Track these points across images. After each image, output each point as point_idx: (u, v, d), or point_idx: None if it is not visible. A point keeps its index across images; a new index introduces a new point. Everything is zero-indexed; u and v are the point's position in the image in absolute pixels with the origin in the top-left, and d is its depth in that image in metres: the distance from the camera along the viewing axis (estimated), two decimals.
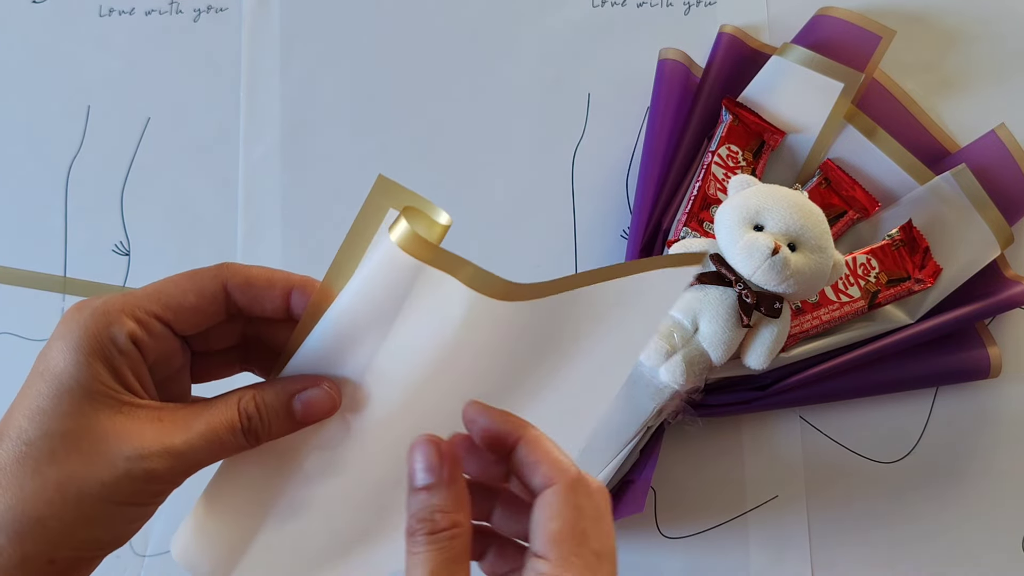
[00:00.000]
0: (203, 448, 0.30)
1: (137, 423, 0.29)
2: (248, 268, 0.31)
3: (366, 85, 0.60)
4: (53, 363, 0.29)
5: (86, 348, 0.29)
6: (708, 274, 0.48)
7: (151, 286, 0.30)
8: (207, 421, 0.30)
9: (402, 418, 0.31)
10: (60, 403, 0.28)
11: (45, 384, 0.29)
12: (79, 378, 0.29)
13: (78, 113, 0.61)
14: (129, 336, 0.29)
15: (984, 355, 0.54)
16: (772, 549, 0.53)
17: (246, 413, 0.30)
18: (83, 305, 0.30)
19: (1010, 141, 0.55)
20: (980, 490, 0.54)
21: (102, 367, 0.29)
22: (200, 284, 0.30)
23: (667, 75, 0.57)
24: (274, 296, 0.31)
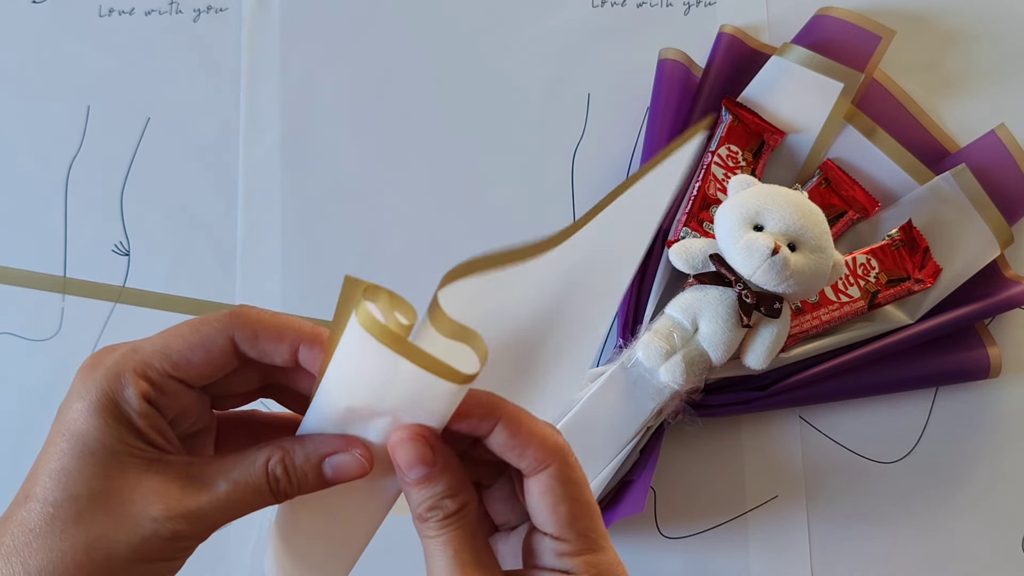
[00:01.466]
0: (230, 508, 0.30)
1: (164, 481, 0.29)
2: (258, 317, 0.30)
3: (366, 85, 0.61)
4: (75, 424, 0.29)
5: (105, 410, 0.29)
6: (708, 274, 0.48)
7: (158, 340, 0.30)
8: (235, 481, 0.30)
9: None
10: (85, 464, 0.28)
11: (68, 445, 0.29)
12: (102, 440, 0.29)
13: (78, 113, 0.61)
14: (143, 397, 0.29)
15: (984, 355, 0.54)
16: (772, 549, 0.53)
17: (274, 475, 0.30)
18: (96, 362, 0.30)
19: (1010, 141, 0.55)
20: (980, 490, 0.54)
21: (123, 428, 0.29)
22: (207, 338, 0.30)
23: (667, 75, 0.57)
24: (282, 349, 0.30)
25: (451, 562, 0.29)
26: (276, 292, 0.58)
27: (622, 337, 0.52)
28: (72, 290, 0.58)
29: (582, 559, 0.30)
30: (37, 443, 0.57)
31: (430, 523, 0.30)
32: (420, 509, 0.30)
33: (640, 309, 0.53)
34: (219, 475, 0.30)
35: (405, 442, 0.30)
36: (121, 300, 0.58)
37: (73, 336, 0.58)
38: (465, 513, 0.30)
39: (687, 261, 0.49)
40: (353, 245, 0.58)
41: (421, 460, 0.30)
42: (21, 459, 0.56)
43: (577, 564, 0.30)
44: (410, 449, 0.29)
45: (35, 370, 0.57)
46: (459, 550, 0.30)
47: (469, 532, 0.30)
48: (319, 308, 0.57)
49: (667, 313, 0.49)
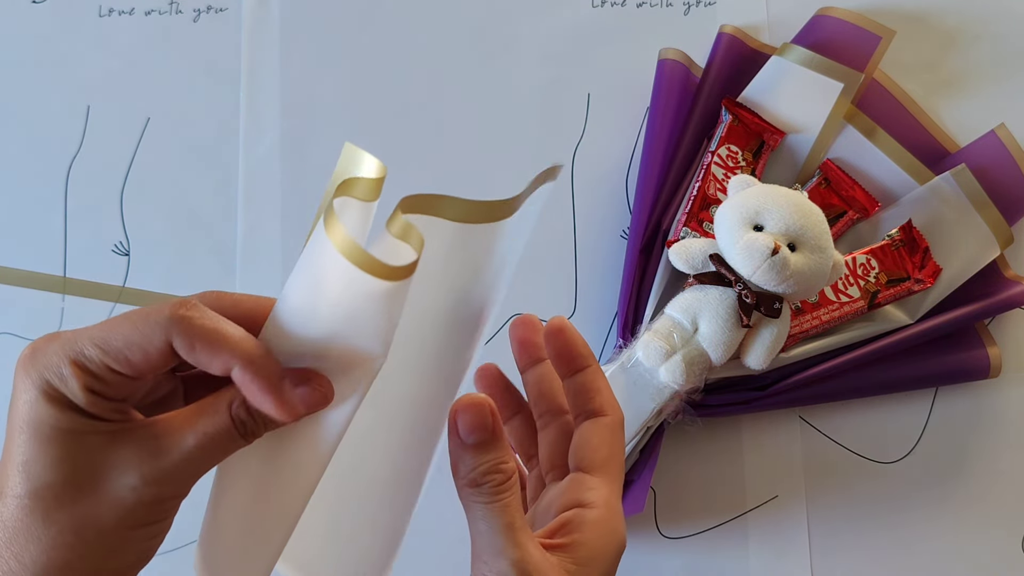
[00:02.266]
0: (203, 458, 0.30)
1: (132, 450, 0.29)
2: (200, 325, 0.29)
3: (366, 85, 0.61)
4: (28, 415, 0.28)
5: (52, 399, 0.28)
6: (708, 274, 0.48)
7: (97, 332, 0.29)
8: (203, 430, 0.30)
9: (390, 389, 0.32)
10: (48, 452, 0.28)
11: (27, 436, 0.28)
12: (58, 425, 0.28)
13: (78, 113, 0.61)
14: (86, 388, 0.28)
15: (984, 355, 0.54)
16: (772, 549, 0.53)
17: (239, 419, 0.30)
18: (35, 354, 0.29)
19: (1010, 141, 0.55)
20: (980, 490, 0.54)
21: (75, 412, 0.28)
22: (145, 338, 0.28)
23: (667, 75, 0.57)
24: (216, 366, 0.29)
25: (506, 528, 0.31)
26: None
27: (622, 337, 0.53)
28: (72, 290, 0.58)
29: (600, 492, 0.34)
30: None
31: (484, 488, 0.31)
32: (475, 474, 0.32)
33: (640, 309, 0.53)
34: (186, 429, 0.30)
35: (471, 406, 0.31)
36: (121, 300, 0.58)
37: None
38: (516, 480, 0.32)
39: (687, 261, 0.49)
40: None
41: (483, 425, 0.31)
42: None
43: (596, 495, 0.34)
44: (474, 413, 0.31)
45: None
46: (514, 516, 0.31)
47: (519, 500, 0.32)
48: None
49: (667, 313, 0.49)
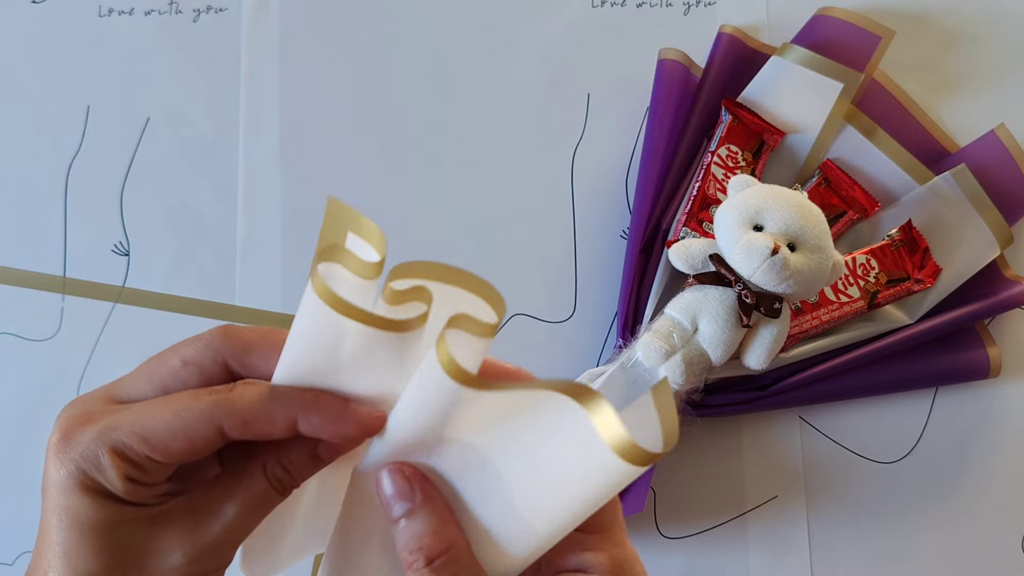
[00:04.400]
0: (244, 525, 0.29)
1: (173, 529, 0.28)
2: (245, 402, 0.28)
3: (366, 85, 0.61)
4: (65, 503, 0.28)
5: (90, 490, 0.28)
6: (708, 274, 0.48)
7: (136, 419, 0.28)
8: (242, 500, 0.29)
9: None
10: (89, 542, 0.28)
11: (66, 524, 0.28)
12: (97, 516, 0.28)
13: (78, 113, 0.61)
14: (125, 478, 0.28)
15: (984, 355, 0.54)
16: (772, 549, 0.53)
17: (276, 477, 0.30)
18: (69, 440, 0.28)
19: (1010, 141, 0.55)
20: (980, 490, 0.54)
21: (113, 502, 0.28)
22: (189, 427, 0.27)
23: (667, 75, 0.57)
24: (278, 429, 0.28)
25: None
26: (276, 292, 0.58)
27: (622, 337, 0.52)
28: (72, 290, 0.58)
29: (605, 554, 0.30)
30: (37, 443, 0.57)
31: (415, 568, 0.28)
32: (404, 552, 0.29)
33: (640, 309, 0.53)
34: (224, 500, 0.29)
35: (388, 474, 0.29)
36: (121, 300, 0.58)
37: (73, 336, 0.58)
38: (451, 556, 0.28)
39: (687, 261, 0.49)
40: None
41: (401, 494, 0.29)
42: (21, 459, 0.56)
43: (599, 558, 0.30)
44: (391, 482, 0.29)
45: (35, 370, 0.57)
46: None
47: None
48: None
49: (667, 313, 0.49)
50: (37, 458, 0.57)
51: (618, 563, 0.30)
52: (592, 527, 0.30)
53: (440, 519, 0.29)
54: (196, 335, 0.29)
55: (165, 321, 0.58)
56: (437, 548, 0.28)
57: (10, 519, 0.56)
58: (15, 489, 0.56)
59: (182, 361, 0.29)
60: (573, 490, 0.27)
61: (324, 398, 0.29)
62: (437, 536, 0.28)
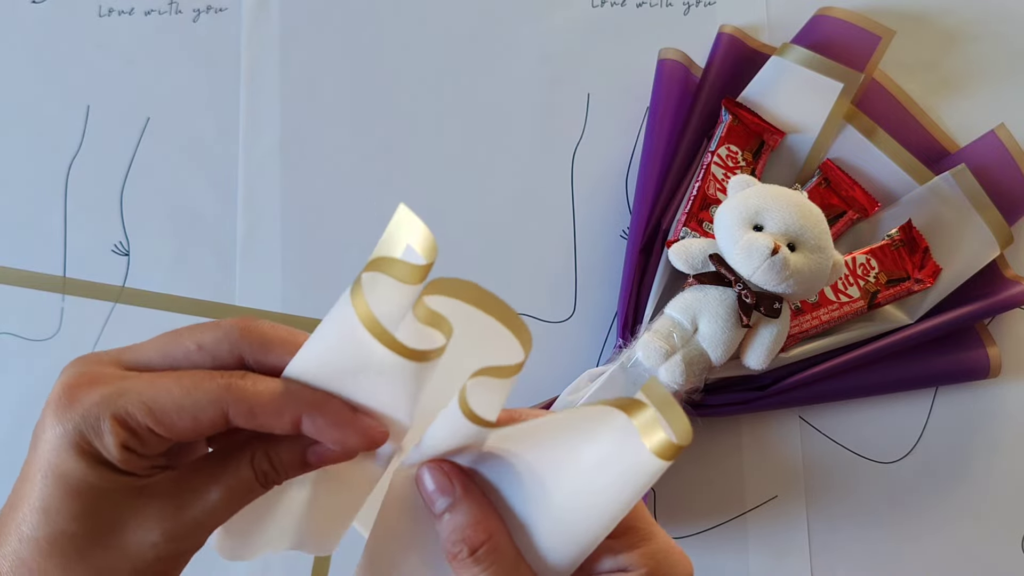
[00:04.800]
0: (224, 511, 0.29)
1: (157, 505, 0.28)
2: (255, 391, 0.28)
3: (366, 85, 0.61)
4: (54, 461, 0.28)
5: (84, 451, 0.28)
6: (707, 274, 0.48)
7: (146, 389, 0.28)
8: (226, 486, 0.29)
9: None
10: (72, 502, 0.28)
11: (51, 482, 0.28)
12: (85, 478, 0.28)
13: (78, 113, 0.61)
14: (122, 446, 0.27)
15: (984, 355, 0.54)
16: (772, 549, 0.53)
17: (261, 471, 0.30)
18: (73, 399, 0.28)
19: (1010, 141, 0.55)
20: (980, 490, 0.54)
21: (105, 467, 0.28)
22: (197, 406, 0.27)
23: (666, 75, 0.57)
24: (282, 424, 0.28)
25: None
26: (276, 292, 0.58)
27: (622, 337, 0.53)
28: (72, 290, 0.58)
29: (637, 552, 0.30)
30: None
31: (461, 560, 0.29)
32: (447, 543, 0.29)
33: (640, 309, 0.53)
34: (208, 483, 0.29)
35: (428, 471, 0.29)
36: (121, 300, 0.58)
37: (73, 336, 0.58)
38: (494, 545, 0.29)
39: (687, 261, 0.49)
40: (353, 245, 0.58)
41: (441, 489, 0.29)
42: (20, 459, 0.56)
43: (633, 558, 0.30)
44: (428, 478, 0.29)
45: (35, 370, 0.57)
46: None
47: (504, 568, 0.29)
48: (319, 308, 0.57)
49: (667, 313, 0.49)
50: None
51: (652, 554, 0.30)
52: (617, 531, 0.30)
53: (481, 510, 0.29)
54: (216, 321, 0.29)
55: (165, 321, 0.58)
56: (479, 538, 0.29)
57: None
58: None
59: (197, 345, 0.29)
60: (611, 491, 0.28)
61: (333, 402, 0.29)
62: (479, 527, 0.29)
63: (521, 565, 0.29)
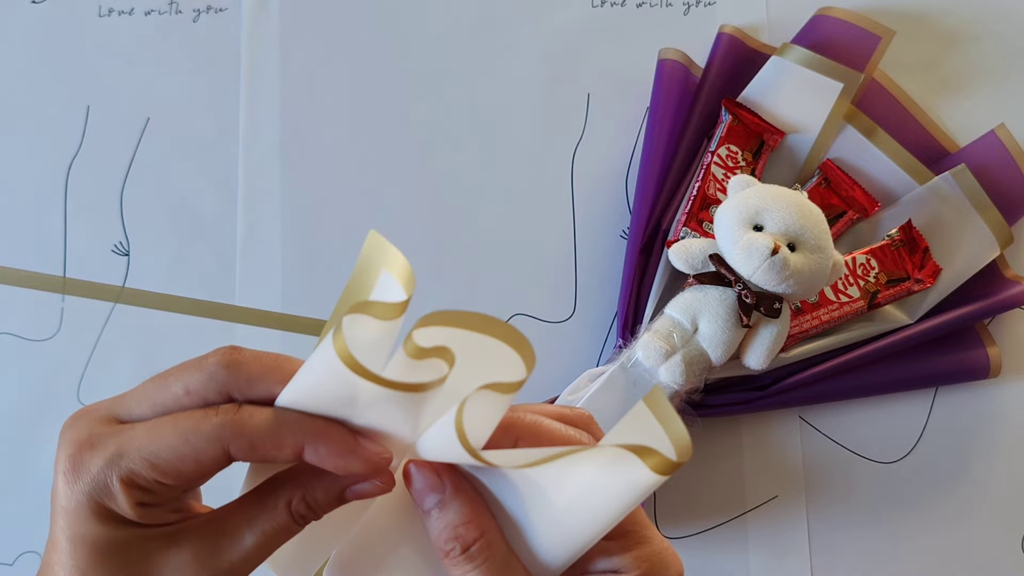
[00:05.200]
0: (260, 555, 0.29)
1: (190, 550, 0.28)
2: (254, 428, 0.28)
3: (366, 85, 0.61)
4: (78, 528, 0.28)
5: (103, 516, 0.28)
6: (707, 274, 0.48)
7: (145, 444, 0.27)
8: (261, 530, 0.29)
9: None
10: (103, 563, 0.28)
11: (78, 547, 0.28)
12: (111, 538, 0.28)
13: (78, 113, 0.61)
14: (136, 504, 0.28)
15: (984, 355, 0.54)
16: (772, 549, 0.53)
17: (299, 514, 0.30)
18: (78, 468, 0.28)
19: (1010, 141, 0.55)
20: (980, 490, 0.54)
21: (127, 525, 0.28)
22: (198, 450, 0.27)
23: (666, 75, 0.57)
24: (284, 455, 0.28)
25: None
26: (276, 292, 0.58)
27: (622, 337, 0.53)
28: (72, 290, 0.58)
29: (631, 555, 0.30)
30: (37, 443, 0.57)
31: (453, 559, 0.29)
32: (439, 541, 0.29)
33: (640, 309, 0.53)
34: (243, 527, 0.29)
35: (413, 471, 0.29)
36: (121, 300, 0.58)
37: (73, 336, 0.58)
38: (487, 543, 0.29)
39: (687, 261, 0.49)
40: (353, 245, 0.58)
41: (431, 487, 0.29)
42: (21, 459, 0.56)
43: (627, 561, 0.30)
44: (418, 477, 0.29)
45: (35, 370, 0.57)
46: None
47: (498, 566, 0.29)
48: (319, 308, 0.57)
49: (667, 313, 0.49)
50: (37, 458, 0.57)
51: (645, 558, 0.30)
52: (614, 533, 0.30)
53: (472, 507, 0.29)
54: (199, 359, 0.29)
55: (165, 321, 0.58)
56: (472, 535, 0.29)
57: (10, 519, 0.56)
58: (15, 489, 0.56)
59: (185, 390, 0.29)
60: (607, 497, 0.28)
61: (333, 430, 0.28)
62: (472, 524, 0.29)
63: (513, 562, 0.29)
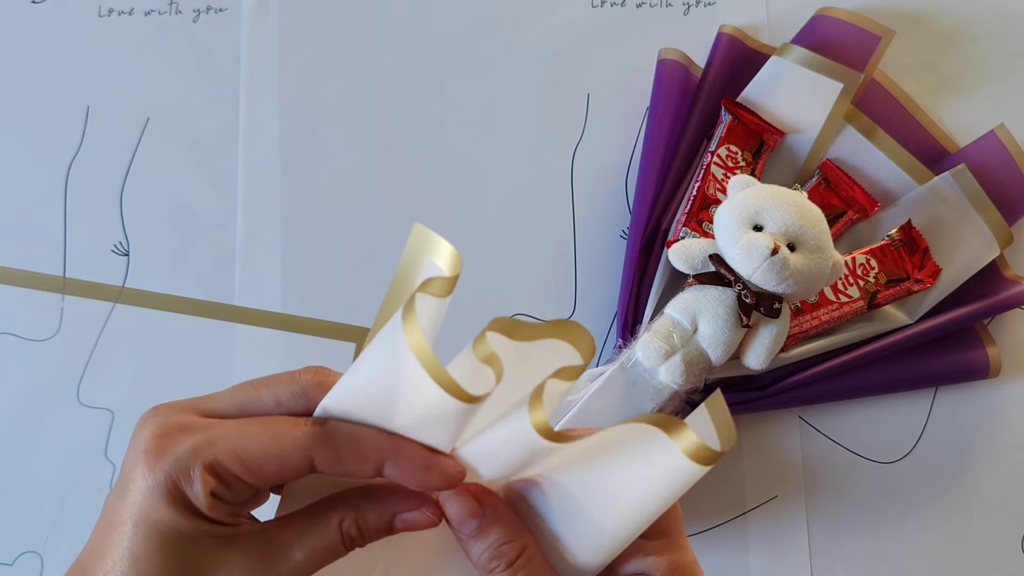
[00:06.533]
0: (308, 570, 0.30)
1: (243, 558, 0.29)
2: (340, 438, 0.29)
3: (366, 85, 0.61)
4: (144, 509, 0.28)
5: (174, 498, 0.28)
6: (707, 274, 0.48)
7: (234, 438, 0.28)
8: (312, 546, 0.30)
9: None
10: (162, 550, 0.28)
11: (141, 530, 0.28)
12: (175, 526, 0.28)
13: (77, 113, 0.61)
14: (211, 494, 0.28)
15: (983, 355, 0.54)
16: (772, 549, 0.53)
17: (349, 535, 0.30)
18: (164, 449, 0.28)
19: (1009, 141, 0.55)
20: (980, 490, 0.54)
21: (194, 515, 0.28)
22: (284, 454, 0.28)
23: (666, 75, 0.57)
24: (365, 469, 0.29)
25: None
26: (276, 292, 0.58)
27: (621, 337, 0.53)
28: (72, 290, 0.58)
29: (664, 559, 0.31)
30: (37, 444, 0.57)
31: (496, 573, 0.30)
32: (482, 561, 0.30)
33: (640, 309, 0.53)
34: (295, 542, 0.30)
35: (452, 497, 0.30)
36: (121, 300, 0.58)
37: (73, 336, 0.58)
38: (528, 557, 0.30)
39: (687, 261, 0.49)
40: (353, 245, 0.58)
41: (470, 513, 0.30)
42: (22, 459, 0.56)
43: (659, 563, 0.31)
44: (458, 503, 0.30)
45: (35, 370, 0.57)
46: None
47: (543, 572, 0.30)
48: (319, 308, 0.57)
49: (666, 313, 0.49)
50: (37, 458, 0.57)
51: (677, 567, 0.31)
52: (653, 532, 0.31)
53: (512, 527, 0.31)
54: (292, 373, 0.30)
55: (165, 321, 0.58)
56: (515, 552, 0.30)
57: (10, 519, 0.56)
58: (15, 489, 0.56)
59: (276, 401, 0.30)
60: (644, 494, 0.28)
61: (413, 446, 0.29)
62: (514, 543, 0.30)
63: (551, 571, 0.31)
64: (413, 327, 0.25)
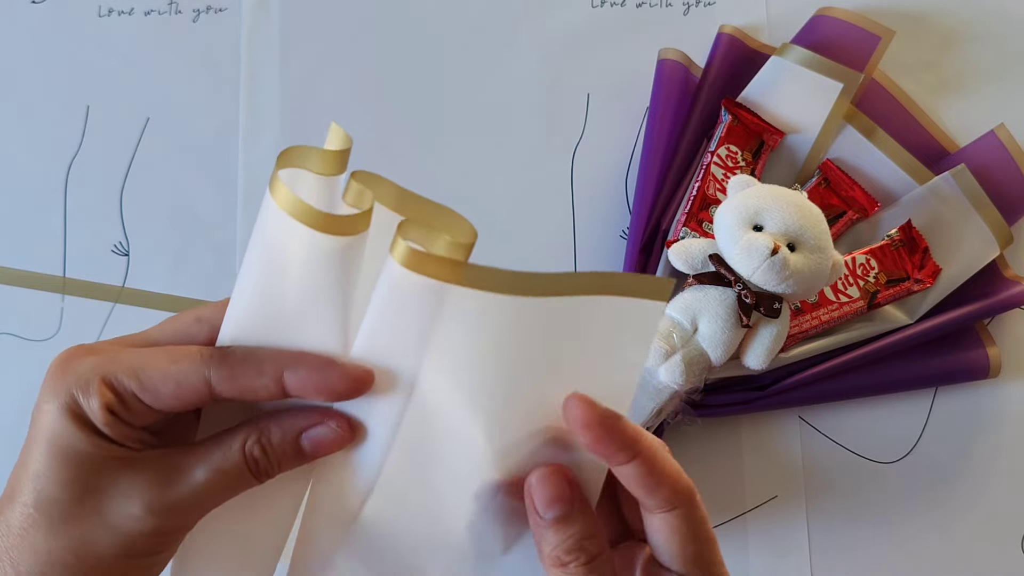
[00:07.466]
0: (211, 495, 0.30)
1: (141, 478, 0.29)
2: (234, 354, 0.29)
3: (366, 85, 0.61)
4: (47, 427, 0.28)
5: (73, 414, 0.28)
6: (707, 274, 0.48)
7: (136, 358, 0.29)
8: (214, 467, 0.29)
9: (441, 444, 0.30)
10: (60, 467, 0.28)
11: (43, 448, 0.28)
12: (74, 443, 0.28)
13: (77, 113, 0.61)
14: (106, 408, 0.28)
15: (983, 355, 0.54)
16: (771, 549, 0.53)
17: (252, 456, 0.30)
18: (67, 365, 0.29)
19: (1009, 141, 0.55)
20: (980, 490, 0.54)
21: (92, 432, 0.28)
22: (181, 373, 0.28)
23: (666, 75, 0.57)
24: (264, 382, 0.28)
25: None
26: None
27: None
28: (72, 290, 0.58)
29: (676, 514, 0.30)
30: None
31: (571, 568, 0.29)
32: (558, 551, 0.29)
33: None
34: (197, 463, 0.29)
35: (545, 477, 0.29)
36: (120, 300, 0.58)
37: (73, 336, 0.58)
38: (605, 559, 0.29)
39: (687, 261, 0.49)
40: None
41: (560, 497, 0.29)
42: None
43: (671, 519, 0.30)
44: (550, 485, 0.29)
45: (35, 370, 0.57)
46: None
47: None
48: None
49: (666, 313, 0.49)
50: None
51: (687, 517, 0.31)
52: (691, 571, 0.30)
53: (595, 522, 0.29)
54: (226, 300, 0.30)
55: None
56: (596, 549, 0.29)
57: None
58: None
59: (196, 318, 0.31)
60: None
61: (310, 353, 0.29)
62: (597, 539, 0.29)
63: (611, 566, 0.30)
64: (278, 188, 0.26)
